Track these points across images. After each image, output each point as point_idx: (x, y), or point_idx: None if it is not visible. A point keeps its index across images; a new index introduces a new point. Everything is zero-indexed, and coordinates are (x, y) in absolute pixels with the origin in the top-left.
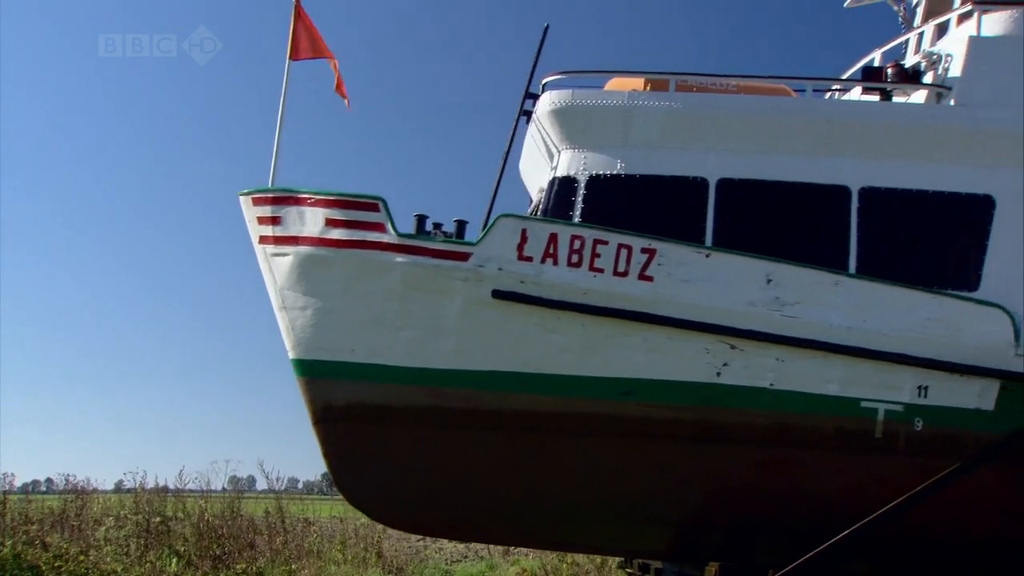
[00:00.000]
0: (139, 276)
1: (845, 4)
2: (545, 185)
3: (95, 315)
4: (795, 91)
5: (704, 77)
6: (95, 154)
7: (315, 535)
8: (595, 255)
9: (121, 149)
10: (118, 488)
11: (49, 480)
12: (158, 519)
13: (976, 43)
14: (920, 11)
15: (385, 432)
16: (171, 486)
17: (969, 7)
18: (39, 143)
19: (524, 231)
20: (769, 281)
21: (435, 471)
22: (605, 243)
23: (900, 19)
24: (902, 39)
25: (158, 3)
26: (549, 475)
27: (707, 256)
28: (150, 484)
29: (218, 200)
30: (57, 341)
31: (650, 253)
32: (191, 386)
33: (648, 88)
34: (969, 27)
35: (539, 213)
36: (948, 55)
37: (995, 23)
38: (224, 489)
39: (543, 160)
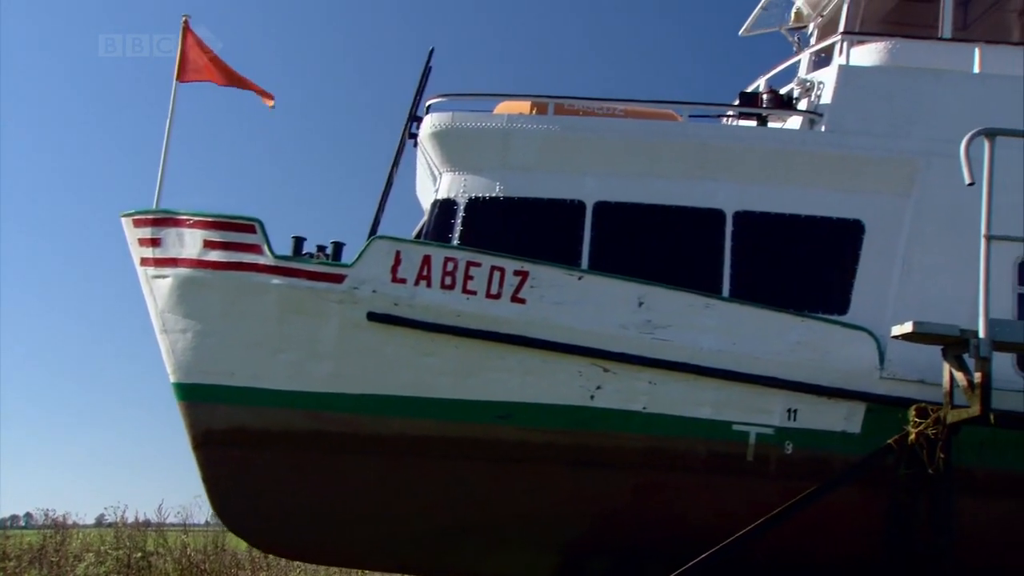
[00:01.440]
0: (124, 302)
1: (740, 32)
2: (427, 207)
3: (77, 345)
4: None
5: (592, 101)
6: (95, 154)
7: (298, 570)
8: (468, 277)
9: (121, 149)
10: (99, 522)
11: (28, 515)
12: (139, 555)
13: (845, 72)
14: (813, 40)
15: (265, 457)
16: (152, 520)
17: (839, 37)
18: (39, 143)
19: (398, 253)
20: (641, 304)
21: (315, 496)
22: (478, 265)
23: (794, 48)
24: (783, 66)
25: (158, 3)
26: (429, 500)
27: (579, 279)
28: (131, 518)
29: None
30: (37, 371)
31: (523, 275)
32: (173, 419)
33: (534, 111)
34: (856, 54)
35: (422, 236)
36: (820, 83)
37: (869, 53)
38: (207, 523)
39: (430, 182)
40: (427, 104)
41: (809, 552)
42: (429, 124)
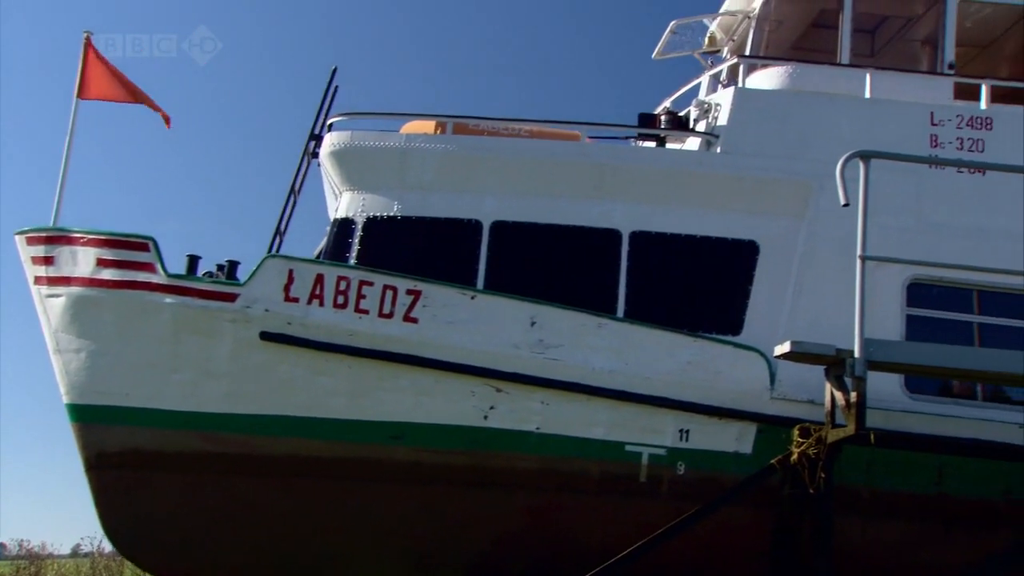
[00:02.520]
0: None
1: (653, 56)
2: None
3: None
4: (589, 137)
5: (497, 121)
6: (95, 154)
7: None
8: (360, 296)
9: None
10: (75, 552)
11: (1, 545)
12: None
13: (741, 94)
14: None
15: (159, 479)
16: None
17: (735, 60)
18: (37, 144)
19: (291, 272)
20: (533, 323)
21: (210, 519)
22: (371, 284)
23: (740, 77)
24: (685, 89)
25: (158, 3)
26: (324, 522)
27: (472, 298)
28: (108, 548)
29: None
30: (10, 399)
31: (415, 295)
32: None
33: (439, 131)
34: (751, 80)
35: (321, 255)
36: (717, 105)
37: (770, 77)
38: None
39: (334, 201)
40: (328, 123)
41: (702, 573)
42: (328, 143)
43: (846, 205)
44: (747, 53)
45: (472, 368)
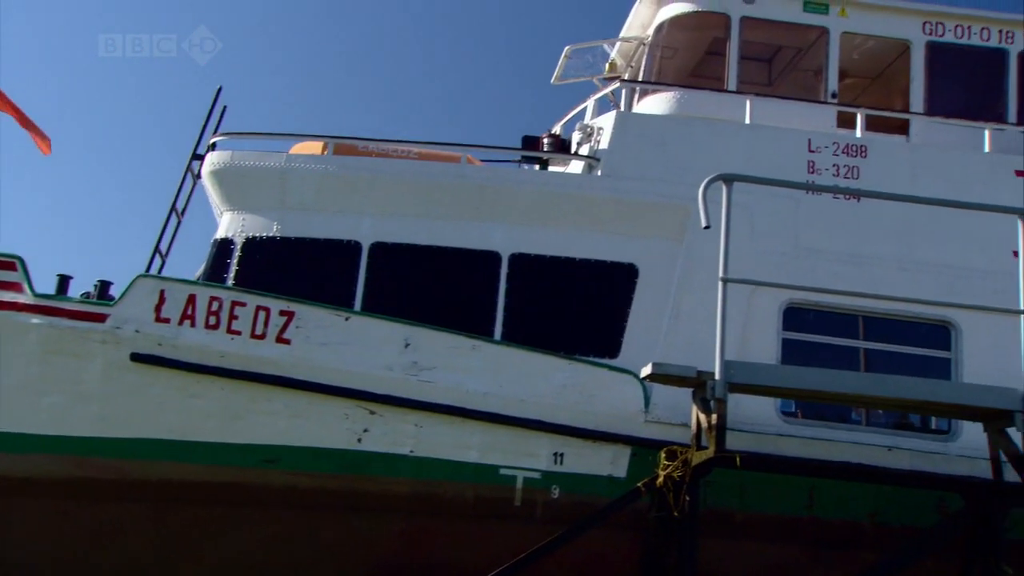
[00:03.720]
0: None
1: (552, 81)
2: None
3: None
4: (480, 160)
5: (386, 143)
6: (95, 155)
7: None
8: (233, 317)
9: (122, 149)
10: None
11: None
12: None
13: (622, 118)
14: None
15: (29, 506)
16: None
17: (617, 84)
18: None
19: (162, 291)
20: (407, 345)
21: (84, 546)
22: (243, 305)
23: (608, 98)
24: (572, 113)
25: (158, 3)
26: (198, 548)
27: (346, 319)
28: None
29: None
30: None
31: (288, 315)
32: None
33: (325, 152)
34: (642, 105)
35: (201, 276)
36: (600, 128)
37: (659, 102)
38: None
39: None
40: (211, 142)
41: None
42: (209, 163)
43: (707, 227)
44: (640, 78)
45: (345, 390)
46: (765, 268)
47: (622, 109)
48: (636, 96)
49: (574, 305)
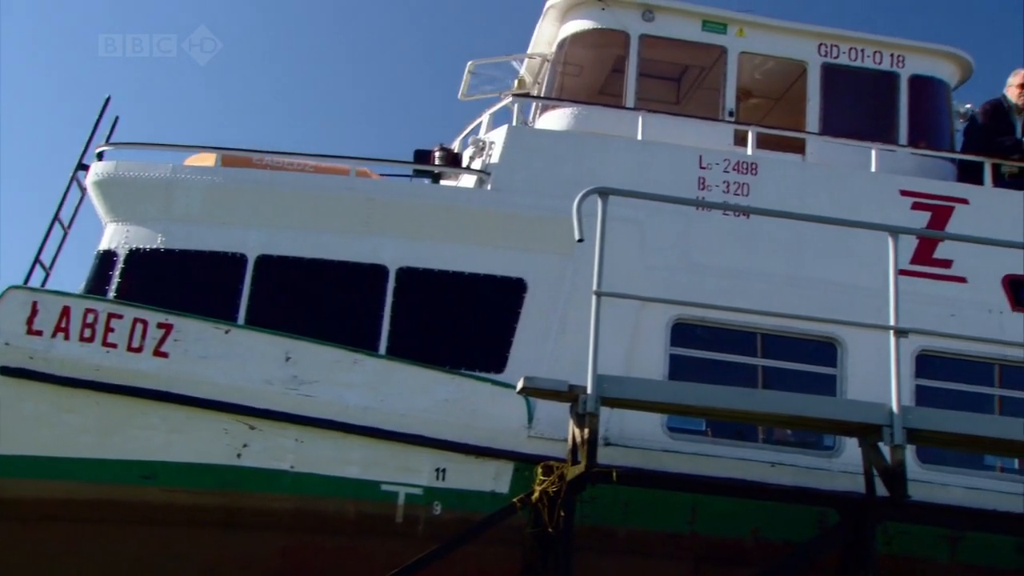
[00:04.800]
0: None
1: (459, 96)
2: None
3: None
4: (379, 174)
5: (282, 156)
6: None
7: None
8: (109, 329)
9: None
10: None
11: None
12: None
13: (513, 132)
14: (532, 108)
15: None
16: None
17: (509, 99)
18: (38, 144)
19: (35, 303)
20: (288, 359)
21: None
22: (120, 317)
23: (514, 116)
24: (470, 128)
25: (158, 3)
26: (73, 567)
27: (226, 332)
28: None
29: None
30: None
31: (167, 328)
32: None
33: (220, 163)
34: (543, 121)
35: (83, 289)
36: (492, 142)
37: (558, 118)
38: None
39: None
40: (97, 151)
41: None
42: (92, 173)
43: (580, 241)
44: (542, 94)
45: (225, 404)
46: (654, 283)
47: (515, 124)
48: (538, 112)
49: (461, 320)
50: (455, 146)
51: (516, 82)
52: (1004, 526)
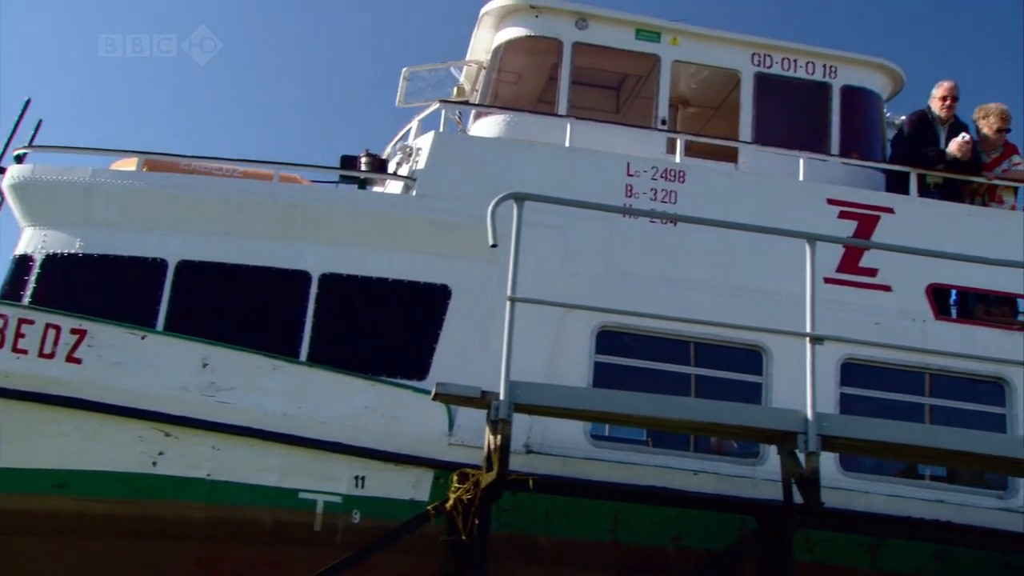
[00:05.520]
0: None
1: (396, 104)
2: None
3: None
4: (311, 180)
5: (208, 161)
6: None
7: None
8: (19, 335)
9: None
10: None
11: None
12: None
13: (440, 138)
14: (471, 116)
15: None
16: None
17: (436, 105)
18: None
19: None
20: (205, 365)
21: None
22: (31, 323)
23: (455, 123)
24: (400, 134)
25: (158, 3)
26: None
27: (142, 338)
28: None
29: None
30: None
31: (80, 334)
32: None
33: (145, 169)
34: (477, 128)
35: None
36: (418, 148)
37: (490, 125)
38: None
39: None
40: (15, 154)
41: None
42: (8, 176)
43: (494, 246)
44: (477, 102)
45: (140, 411)
46: (578, 290)
47: (442, 130)
48: (471, 119)
49: (384, 326)
50: (387, 152)
51: (455, 89)
52: (919, 533)
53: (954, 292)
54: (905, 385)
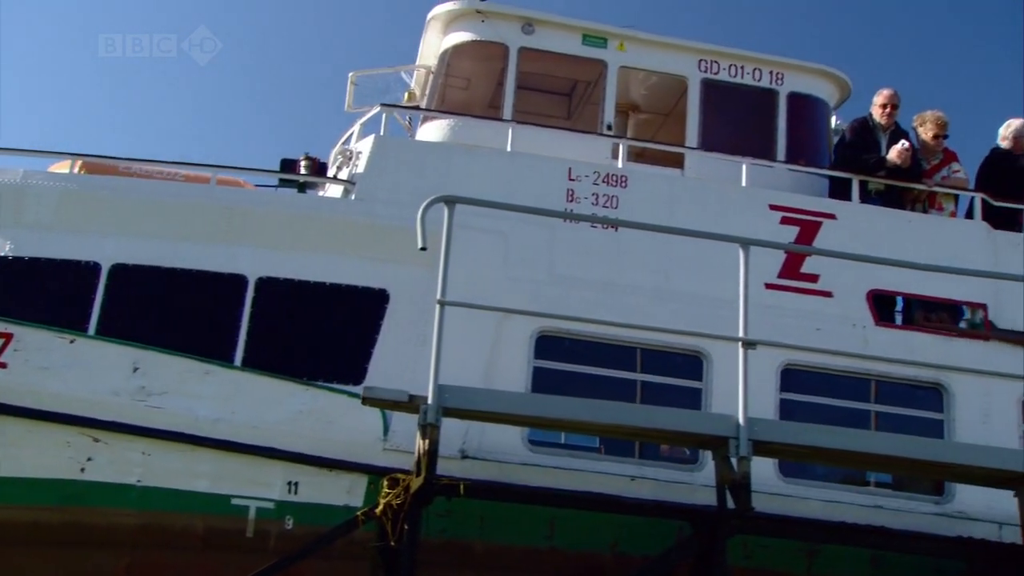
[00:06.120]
0: None
1: (345, 108)
2: None
3: None
4: (254, 184)
5: (149, 164)
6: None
7: None
8: None
9: (121, 149)
10: None
11: None
12: None
13: (379, 141)
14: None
15: None
16: None
17: (378, 109)
18: (39, 144)
19: None
20: (136, 370)
21: None
22: None
23: (404, 128)
24: (344, 137)
25: (158, 3)
26: None
27: (71, 342)
28: None
29: None
30: None
31: (6, 338)
32: None
33: (83, 171)
34: (423, 132)
35: None
36: (359, 152)
37: (435, 130)
38: None
39: None
40: None
41: None
42: None
43: (423, 249)
44: (424, 107)
45: (67, 417)
46: (518, 295)
47: (382, 134)
48: (420, 124)
49: (322, 330)
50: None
51: (406, 94)
52: (852, 538)
53: (900, 299)
54: (846, 391)
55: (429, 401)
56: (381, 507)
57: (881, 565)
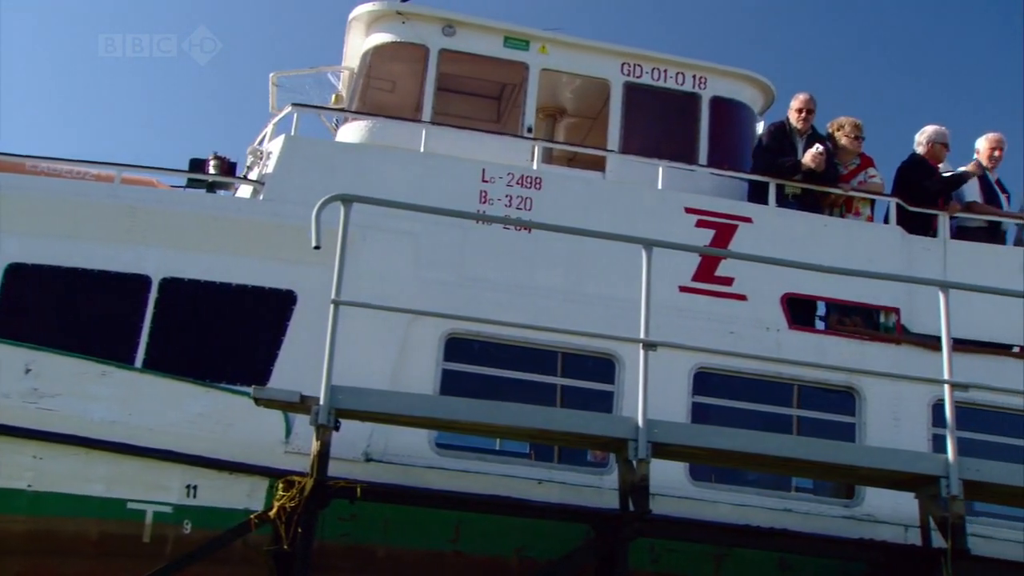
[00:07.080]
0: None
1: (269, 110)
2: None
3: None
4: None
5: (59, 163)
6: (94, 154)
7: None
8: None
9: (121, 150)
10: None
11: None
12: None
13: (290, 141)
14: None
15: None
16: None
17: (289, 109)
18: (39, 144)
19: None
20: (28, 371)
21: None
22: None
23: (330, 129)
24: (259, 137)
25: (158, 3)
26: None
27: None
28: None
29: None
30: None
31: None
32: None
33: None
34: (342, 134)
35: None
36: (269, 152)
37: (354, 131)
38: None
39: None
40: None
41: None
42: None
43: (317, 248)
44: (346, 108)
45: None
46: (428, 296)
47: (293, 134)
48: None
49: (226, 332)
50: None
51: (334, 96)
52: (756, 541)
53: (823, 304)
54: (760, 395)
55: (321, 402)
56: (275, 510)
57: (788, 568)
